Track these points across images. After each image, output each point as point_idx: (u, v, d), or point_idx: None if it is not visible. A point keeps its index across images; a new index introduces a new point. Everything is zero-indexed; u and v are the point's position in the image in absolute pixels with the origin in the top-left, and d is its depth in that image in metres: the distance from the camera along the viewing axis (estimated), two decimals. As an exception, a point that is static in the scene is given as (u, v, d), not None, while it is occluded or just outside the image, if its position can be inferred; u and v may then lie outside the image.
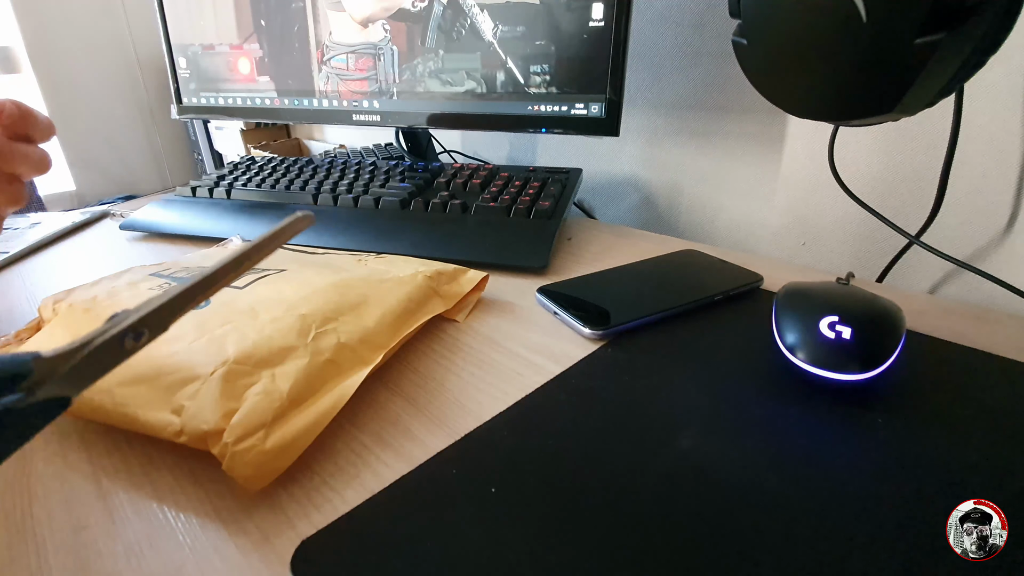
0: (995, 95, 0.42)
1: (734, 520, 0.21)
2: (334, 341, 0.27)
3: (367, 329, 0.29)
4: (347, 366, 0.27)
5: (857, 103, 0.25)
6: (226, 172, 0.67)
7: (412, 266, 0.37)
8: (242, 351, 0.25)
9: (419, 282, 0.35)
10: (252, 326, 0.27)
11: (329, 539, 0.21)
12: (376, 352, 0.29)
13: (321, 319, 0.28)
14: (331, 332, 0.28)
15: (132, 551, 0.21)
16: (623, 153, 0.68)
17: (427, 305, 0.34)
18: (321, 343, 0.27)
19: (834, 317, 0.28)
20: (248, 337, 0.26)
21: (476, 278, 0.39)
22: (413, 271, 0.36)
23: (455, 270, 0.38)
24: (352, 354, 0.27)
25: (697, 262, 0.43)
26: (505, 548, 0.20)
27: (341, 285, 0.32)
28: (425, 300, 0.34)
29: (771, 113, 0.54)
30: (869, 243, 0.51)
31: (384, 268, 0.36)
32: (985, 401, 0.27)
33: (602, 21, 0.49)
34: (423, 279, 0.35)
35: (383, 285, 0.33)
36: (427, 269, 0.36)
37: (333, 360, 0.26)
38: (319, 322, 0.28)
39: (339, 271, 0.35)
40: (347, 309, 0.30)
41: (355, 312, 0.30)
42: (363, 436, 0.26)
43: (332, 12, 0.61)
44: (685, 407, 0.27)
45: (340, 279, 0.33)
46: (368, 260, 0.38)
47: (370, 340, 0.29)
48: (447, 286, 0.37)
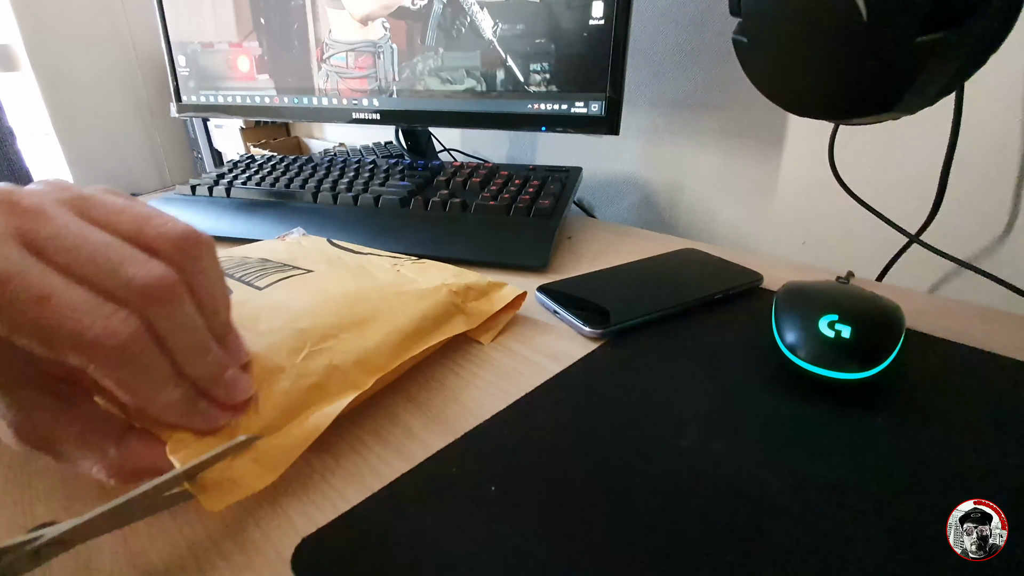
0: (995, 95, 0.42)
1: (733, 518, 0.21)
2: (325, 363, 0.25)
3: (366, 350, 0.27)
4: (336, 390, 0.25)
5: (857, 101, 0.25)
6: (226, 170, 0.67)
7: (441, 276, 0.34)
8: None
9: (441, 297, 0.32)
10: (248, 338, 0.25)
11: (329, 537, 0.21)
12: (370, 376, 0.26)
13: (319, 335, 0.26)
14: (325, 352, 0.26)
15: (132, 550, 0.21)
16: (623, 152, 0.68)
17: (446, 324, 0.31)
18: (311, 364, 0.25)
19: (834, 316, 0.28)
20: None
21: (510, 295, 0.35)
22: (439, 283, 0.33)
23: (488, 285, 0.35)
24: (343, 377, 0.25)
25: (697, 261, 0.43)
26: (505, 546, 0.20)
27: (354, 297, 0.30)
28: (445, 318, 0.31)
29: (771, 112, 0.54)
30: (869, 242, 0.51)
31: (412, 277, 0.34)
32: (985, 400, 0.27)
33: (602, 19, 0.49)
34: (447, 294, 0.32)
35: (400, 298, 0.31)
36: (455, 282, 0.33)
37: (320, 384, 0.25)
38: (315, 339, 0.26)
39: (362, 278, 0.32)
40: (351, 325, 0.28)
41: (359, 329, 0.28)
42: (363, 434, 0.26)
43: (332, 10, 0.61)
44: (685, 406, 0.27)
45: (356, 289, 0.31)
46: (403, 265, 0.35)
47: (365, 362, 0.27)
48: (474, 303, 0.34)
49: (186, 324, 0.20)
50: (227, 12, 0.67)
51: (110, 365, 0.18)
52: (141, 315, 0.19)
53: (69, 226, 0.19)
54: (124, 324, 0.18)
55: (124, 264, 0.19)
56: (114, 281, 0.18)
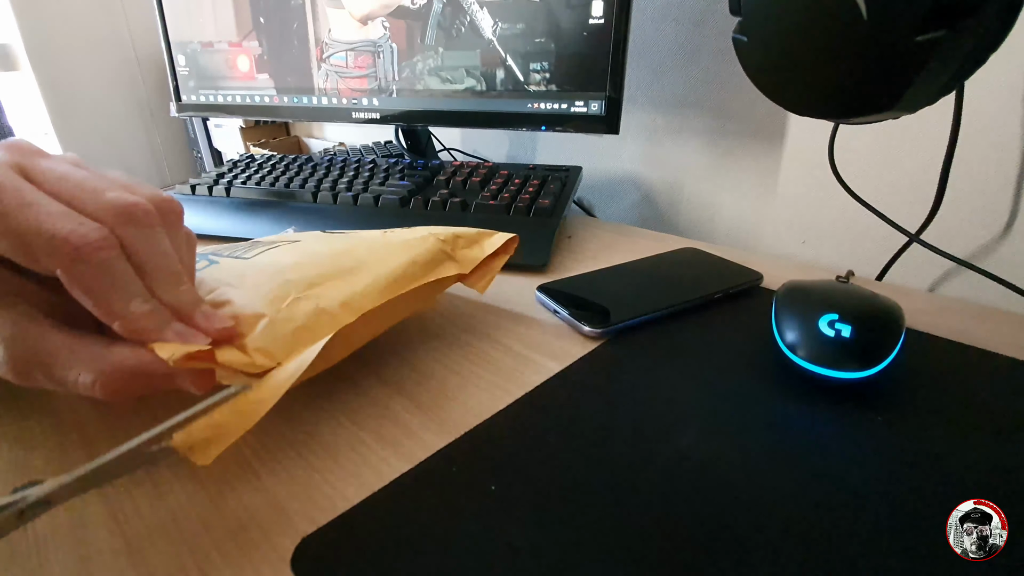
0: (995, 94, 0.41)
1: (733, 518, 0.21)
2: (311, 307, 0.25)
3: (352, 292, 0.27)
4: (324, 332, 0.24)
5: (857, 100, 0.25)
6: (225, 170, 0.67)
7: (428, 230, 0.34)
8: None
9: (429, 245, 0.32)
10: (234, 292, 0.25)
11: (329, 537, 0.21)
12: (353, 314, 0.26)
13: (305, 285, 0.26)
14: (311, 298, 0.25)
15: (132, 549, 0.21)
16: (623, 151, 0.68)
17: (436, 268, 0.31)
18: (296, 309, 0.25)
19: (834, 315, 0.28)
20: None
21: (500, 240, 0.35)
22: (426, 233, 0.33)
23: (478, 233, 0.35)
24: (331, 319, 0.25)
25: (697, 260, 0.43)
26: (505, 546, 0.20)
27: (342, 252, 0.30)
28: (433, 263, 0.31)
29: (771, 111, 0.54)
30: (869, 241, 0.51)
31: (401, 234, 0.33)
32: (985, 400, 0.27)
33: (602, 18, 0.49)
34: (434, 242, 0.32)
35: (387, 248, 0.31)
36: (443, 232, 0.33)
37: (306, 326, 0.24)
38: (301, 287, 0.26)
39: (350, 239, 0.32)
40: (337, 275, 0.28)
41: (345, 278, 0.28)
42: (363, 434, 0.26)
43: (331, 9, 0.61)
44: (685, 405, 0.27)
45: (345, 246, 0.31)
46: (394, 231, 0.35)
47: (351, 303, 0.26)
48: (464, 250, 0.33)
49: (160, 249, 0.22)
50: (227, 12, 0.67)
51: (78, 270, 0.19)
52: (115, 231, 0.20)
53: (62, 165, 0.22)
54: (94, 230, 0.20)
55: (107, 191, 0.21)
56: (95, 202, 0.21)
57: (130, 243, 0.21)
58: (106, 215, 0.20)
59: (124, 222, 0.21)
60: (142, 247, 0.21)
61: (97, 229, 0.20)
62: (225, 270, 0.28)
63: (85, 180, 0.21)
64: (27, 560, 0.21)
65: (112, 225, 0.20)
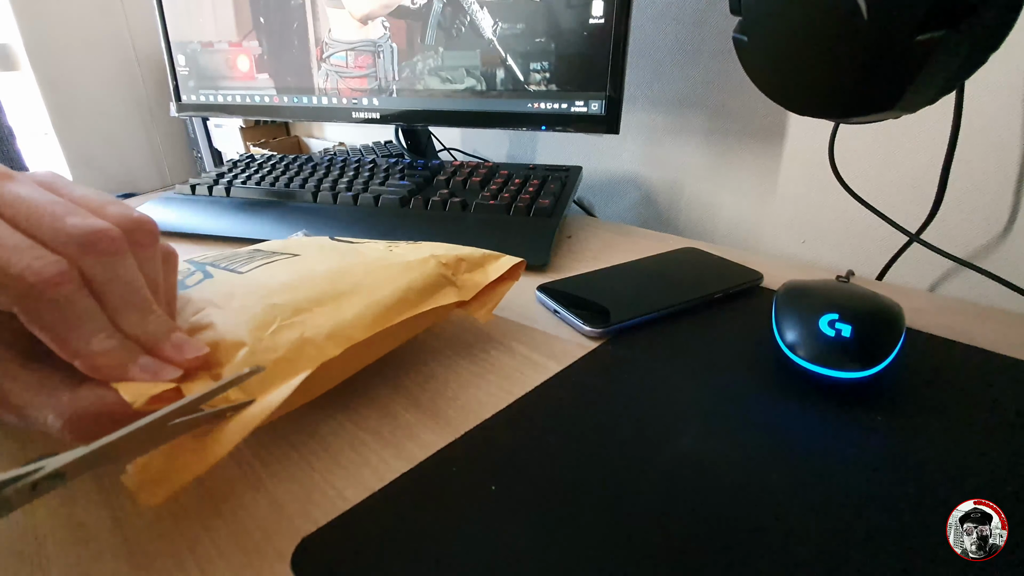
0: (995, 94, 0.41)
1: (733, 518, 0.21)
2: (296, 336, 0.24)
3: (340, 322, 0.25)
4: (306, 365, 0.23)
5: (857, 100, 0.25)
6: (225, 170, 0.67)
7: (432, 249, 0.32)
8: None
9: (428, 268, 0.30)
10: (219, 314, 0.24)
11: (329, 537, 0.21)
12: (340, 346, 0.25)
13: (292, 310, 0.25)
14: (296, 325, 0.24)
15: (133, 549, 0.21)
16: (623, 151, 0.68)
17: (434, 295, 0.30)
18: (279, 338, 0.23)
19: (834, 315, 0.28)
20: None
21: (506, 265, 0.33)
22: (427, 255, 0.31)
23: (483, 256, 0.33)
24: (315, 351, 0.24)
25: (697, 260, 0.43)
26: (505, 546, 0.20)
27: (337, 272, 0.29)
28: (432, 289, 0.30)
29: (771, 111, 0.54)
30: (869, 241, 0.51)
31: (403, 253, 0.32)
32: (985, 399, 0.27)
33: (602, 18, 0.49)
34: (434, 265, 0.30)
35: (385, 271, 0.29)
36: (445, 254, 0.32)
37: (287, 358, 0.23)
38: (287, 313, 0.25)
39: (348, 256, 0.31)
40: (329, 299, 0.26)
41: (336, 303, 0.26)
42: (363, 434, 0.26)
43: (331, 9, 0.61)
44: (685, 405, 0.27)
45: (340, 265, 0.29)
46: (398, 246, 0.34)
47: (339, 334, 0.25)
48: (467, 275, 0.32)
49: (125, 279, 0.20)
50: (227, 11, 0.67)
51: (33, 307, 0.18)
52: (74, 263, 0.19)
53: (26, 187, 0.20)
54: (51, 264, 0.18)
55: (67, 216, 0.19)
56: (54, 230, 0.19)
57: (91, 274, 0.20)
58: (66, 246, 0.19)
59: (85, 252, 0.19)
60: (105, 278, 0.20)
61: (55, 263, 0.18)
62: (216, 286, 0.27)
63: (46, 206, 0.19)
64: (27, 560, 0.21)
65: (73, 255, 0.19)
